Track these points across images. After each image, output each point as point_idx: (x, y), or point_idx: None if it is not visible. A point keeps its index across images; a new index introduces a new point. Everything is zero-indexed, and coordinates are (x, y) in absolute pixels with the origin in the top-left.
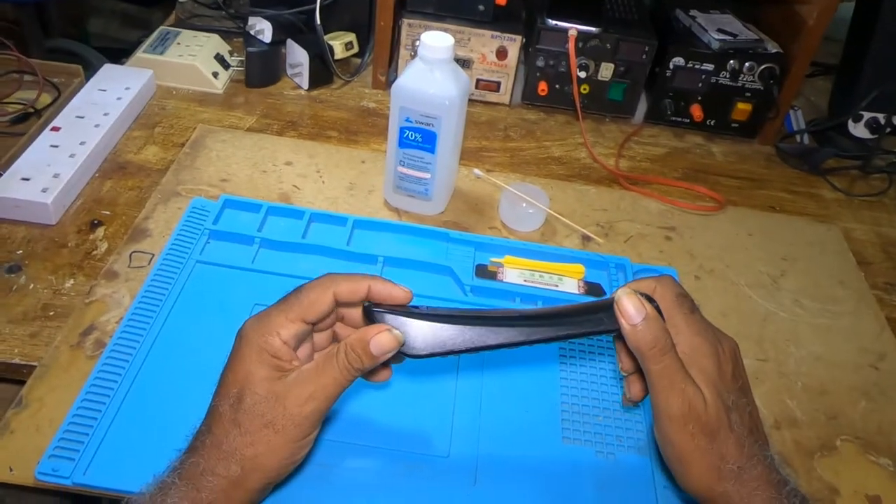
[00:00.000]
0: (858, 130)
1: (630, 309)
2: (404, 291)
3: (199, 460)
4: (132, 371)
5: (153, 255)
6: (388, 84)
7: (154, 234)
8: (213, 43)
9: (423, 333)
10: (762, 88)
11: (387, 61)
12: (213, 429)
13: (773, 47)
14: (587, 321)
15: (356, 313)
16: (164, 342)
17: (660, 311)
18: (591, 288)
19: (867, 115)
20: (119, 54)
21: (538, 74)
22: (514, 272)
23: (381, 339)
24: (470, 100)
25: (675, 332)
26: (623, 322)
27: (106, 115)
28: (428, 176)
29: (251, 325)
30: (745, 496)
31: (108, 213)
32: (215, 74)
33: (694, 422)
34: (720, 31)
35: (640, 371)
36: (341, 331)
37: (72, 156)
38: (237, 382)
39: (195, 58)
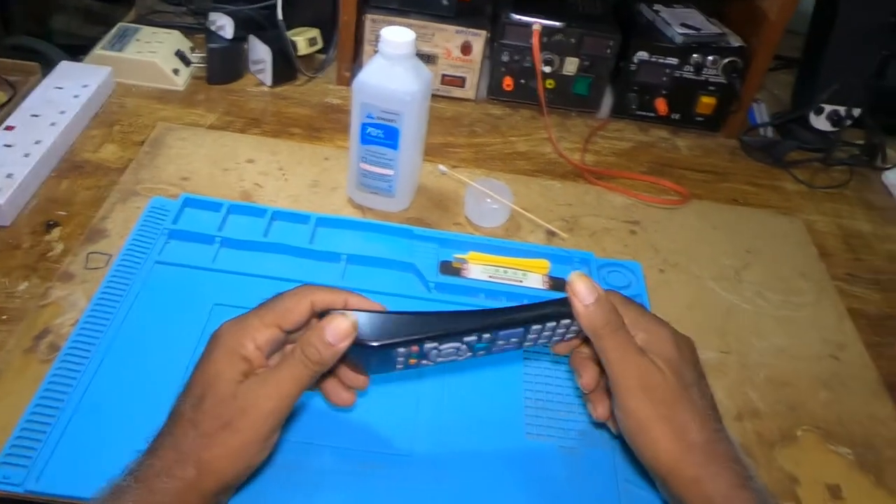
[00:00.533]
0: (820, 123)
1: (582, 289)
2: (380, 307)
3: (155, 462)
4: (87, 375)
5: (111, 255)
6: (353, 80)
7: (112, 234)
8: (174, 39)
9: (380, 324)
10: (725, 82)
11: (351, 57)
12: (173, 429)
13: (735, 41)
14: (541, 306)
15: None
16: (120, 345)
17: None
18: (556, 283)
19: (828, 108)
20: (83, 51)
21: (503, 69)
22: (479, 268)
23: (335, 324)
24: (435, 95)
25: (631, 323)
26: (576, 302)
27: (62, 113)
28: (391, 172)
29: (227, 328)
30: (714, 471)
31: (64, 213)
32: (176, 71)
33: (652, 390)
34: (683, 25)
35: (601, 388)
36: None
37: (26, 155)
38: (202, 383)
39: (155, 54)
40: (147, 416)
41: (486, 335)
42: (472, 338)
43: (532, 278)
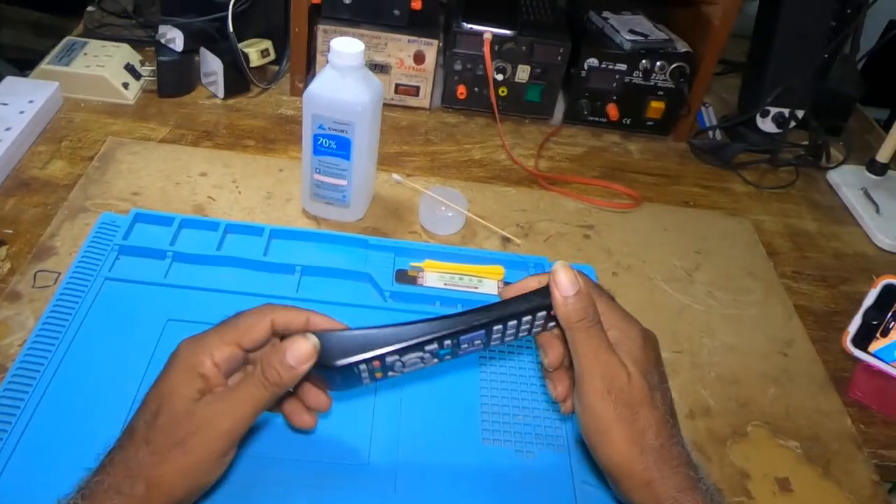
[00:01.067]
0: (766, 125)
1: (565, 281)
2: (342, 326)
3: (104, 478)
4: (36, 395)
5: (59, 273)
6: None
7: (60, 251)
8: (123, 53)
9: (344, 342)
10: (674, 87)
11: (304, 68)
12: (125, 445)
13: (682, 47)
14: (517, 302)
15: None
16: (70, 364)
17: None
18: None
19: (773, 111)
20: (33, 65)
21: (456, 78)
22: (435, 276)
23: (296, 346)
24: (390, 104)
25: (602, 316)
26: (557, 294)
27: (8, 129)
28: (345, 183)
29: (185, 345)
30: (665, 474)
31: (10, 231)
32: (125, 85)
33: (617, 392)
34: (632, 31)
35: (565, 368)
36: None
37: None
38: (157, 399)
39: (103, 68)
40: (98, 436)
41: (448, 342)
42: (434, 346)
43: (487, 284)
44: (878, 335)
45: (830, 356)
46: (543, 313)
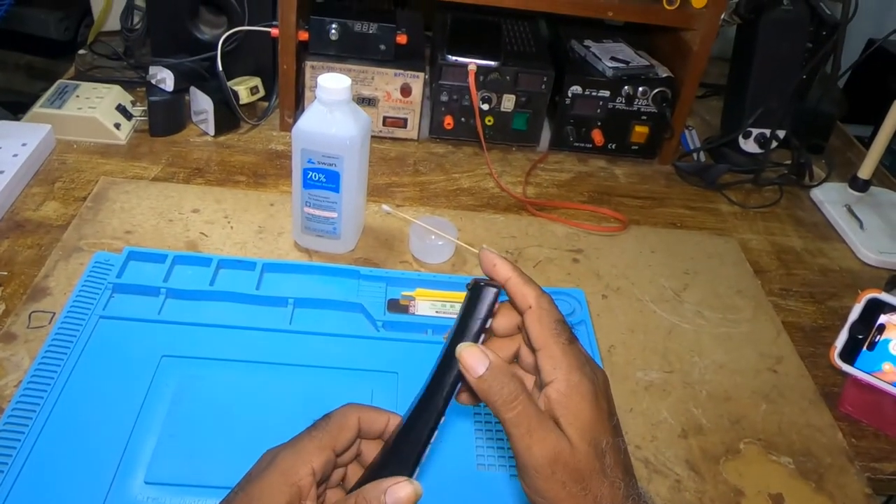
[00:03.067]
0: (749, 146)
1: (472, 361)
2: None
3: None
4: (32, 435)
5: (54, 313)
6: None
7: (55, 292)
8: (114, 94)
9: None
10: (656, 111)
11: (293, 104)
12: None
13: (663, 72)
14: (440, 395)
15: (373, 451)
16: (66, 402)
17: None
18: None
19: (755, 132)
20: (25, 108)
21: (443, 109)
22: (426, 304)
23: (400, 489)
24: (378, 136)
25: (553, 364)
26: (468, 376)
27: (1, 173)
28: (335, 215)
29: (282, 450)
30: None
31: (5, 273)
32: (117, 125)
33: (562, 468)
34: (613, 59)
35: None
36: (351, 474)
37: None
38: (246, 501)
39: (95, 110)
40: (93, 474)
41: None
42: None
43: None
44: (864, 349)
45: (820, 371)
46: None
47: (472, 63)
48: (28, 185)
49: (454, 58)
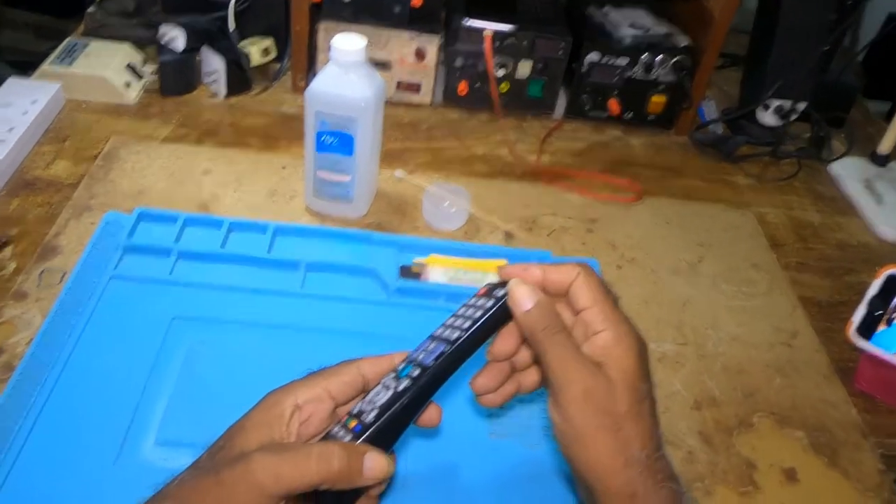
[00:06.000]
0: (767, 118)
1: (522, 296)
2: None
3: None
4: (44, 393)
5: (65, 272)
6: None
7: (65, 251)
8: (125, 52)
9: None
10: (675, 81)
11: (305, 66)
12: (182, 475)
13: (683, 40)
14: (485, 322)
15: None
16: (77, 361)
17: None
18: None
19: (774, 103)
20: (34, 67)
21: (458, 74)
22: (439, 271)
23: (376, 461)
24: (392, 102)
25: (604, 317)
26: (515, 311)
27: (11, 130)
28: (348, 179)
29: (274, 389)
30: (650, 488)
31: (15, 231)
32: (127, 85)
33: (596, 401)
34: (632, 26)
35: (502, 365)
36: None
37: None
38: (228, 434)
39: (105, 68)
40: (104, 433)
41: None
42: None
43: (491, 279)
44: (881, 325)
45: (835, 347)
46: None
47: (489, 28)
48: (38, 144)
49: (470, 22)
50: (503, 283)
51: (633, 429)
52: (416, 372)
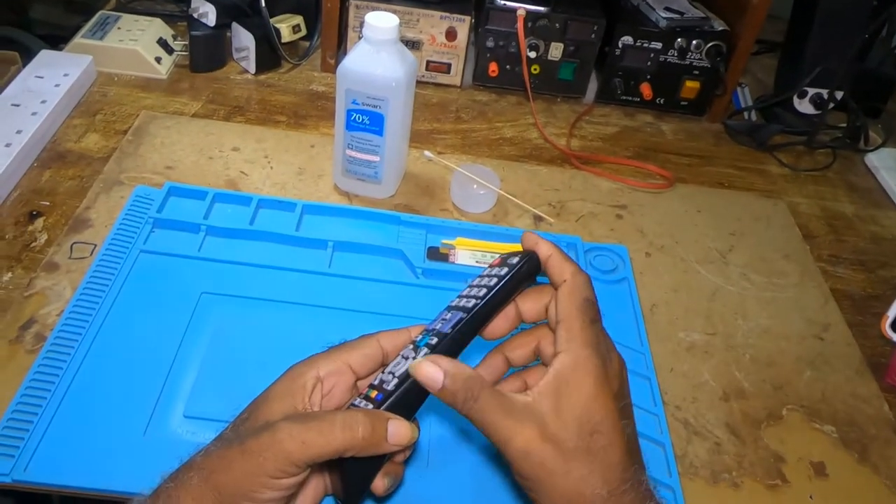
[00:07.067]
0: (803, 106)
1: (430, 375)
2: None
3: (177, 474)
4: (74, 364)
5: (95, 245)
6: (337, 67)
7: (96, 223)
8: (156, 27)
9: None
10: (709, 66)
11: (335, 44)
12: (209, 446)
13: (719, 25)
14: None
15: None
16: (107, 333)
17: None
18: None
19: (811, 91)
20: (63, 41)
21: (488, 55)
22: (466, 253)
23: (400, 427)
24: (421, 82)
25: (568, 337)
26: (431, 390)
27: (43, 102)
28: (377, 159)
29: (296, 363)
30: None
31: (47, 203)
32: (158, 59)
33: (538, 452)
34: (667, 9)
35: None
36: None
37: (7, 145)
38: (252, 406)
39: (137, 42)
40: (134, 406)
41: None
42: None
43: None
44: None
45: (868, 341)
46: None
47: (522, 8)
48: (69, 116)
49: (503, 2)
50: (517, 253)
51: (584, 468)
52: (434, 340)
